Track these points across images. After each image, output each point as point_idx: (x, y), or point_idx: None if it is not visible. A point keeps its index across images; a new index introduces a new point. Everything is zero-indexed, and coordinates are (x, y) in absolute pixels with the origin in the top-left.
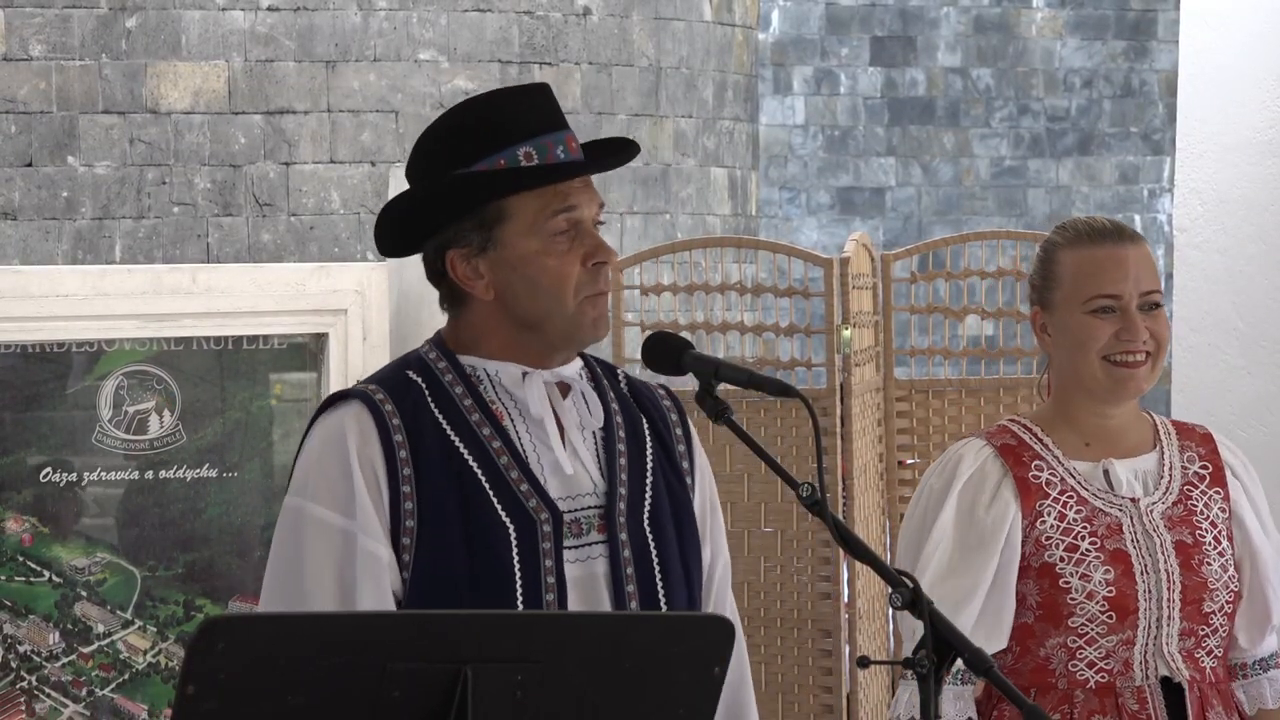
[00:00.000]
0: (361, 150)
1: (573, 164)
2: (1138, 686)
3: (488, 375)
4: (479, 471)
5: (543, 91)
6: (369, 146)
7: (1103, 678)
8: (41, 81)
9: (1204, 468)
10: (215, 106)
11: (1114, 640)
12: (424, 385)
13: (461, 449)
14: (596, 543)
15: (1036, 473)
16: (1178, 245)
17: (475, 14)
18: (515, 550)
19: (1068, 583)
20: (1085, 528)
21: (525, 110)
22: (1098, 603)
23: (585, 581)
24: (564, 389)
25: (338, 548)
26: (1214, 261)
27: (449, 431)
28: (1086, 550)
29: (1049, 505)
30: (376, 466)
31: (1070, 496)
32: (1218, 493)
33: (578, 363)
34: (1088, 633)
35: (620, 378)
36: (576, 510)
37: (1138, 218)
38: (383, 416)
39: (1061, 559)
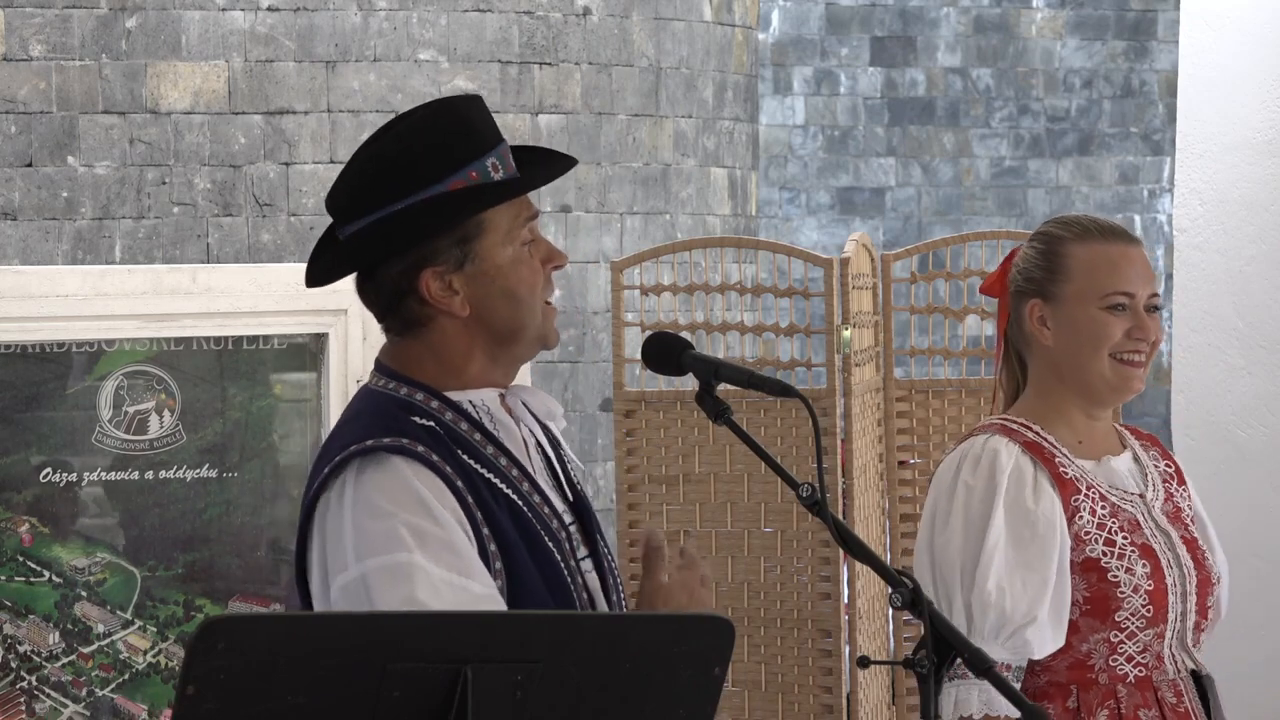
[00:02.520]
0: None
1: (542, 173)
2: (1171, 680)
3: (474, 406)
4: (520, 502)
5: (480, 103)
6: None
7: (1140, 672)
8: (41, 81)
9: (1168, 467)
10: (215, 106)
11: (1150, 634)
12: (440, 430)
13: (499, 484)
14: (585, 557)
15: (1063, 468)
16: (1178, 245)
17: (475, 14)
18: (565, 570)
19: (1115, 577)
20: (1114, 522)
21: (478, 123)
22: (1140, 596)
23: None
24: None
25: (452, 603)
26: (1214, 261)
27: (482, 470)
28: (1123, 545)
29: (1082, 500)
30: (460, 518)
31: (1094, 492)
32: (1185, 490)
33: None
34: (1129, 627)
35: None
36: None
37: (1138, 218)
38: (436, 467)
39: (1104, 553)
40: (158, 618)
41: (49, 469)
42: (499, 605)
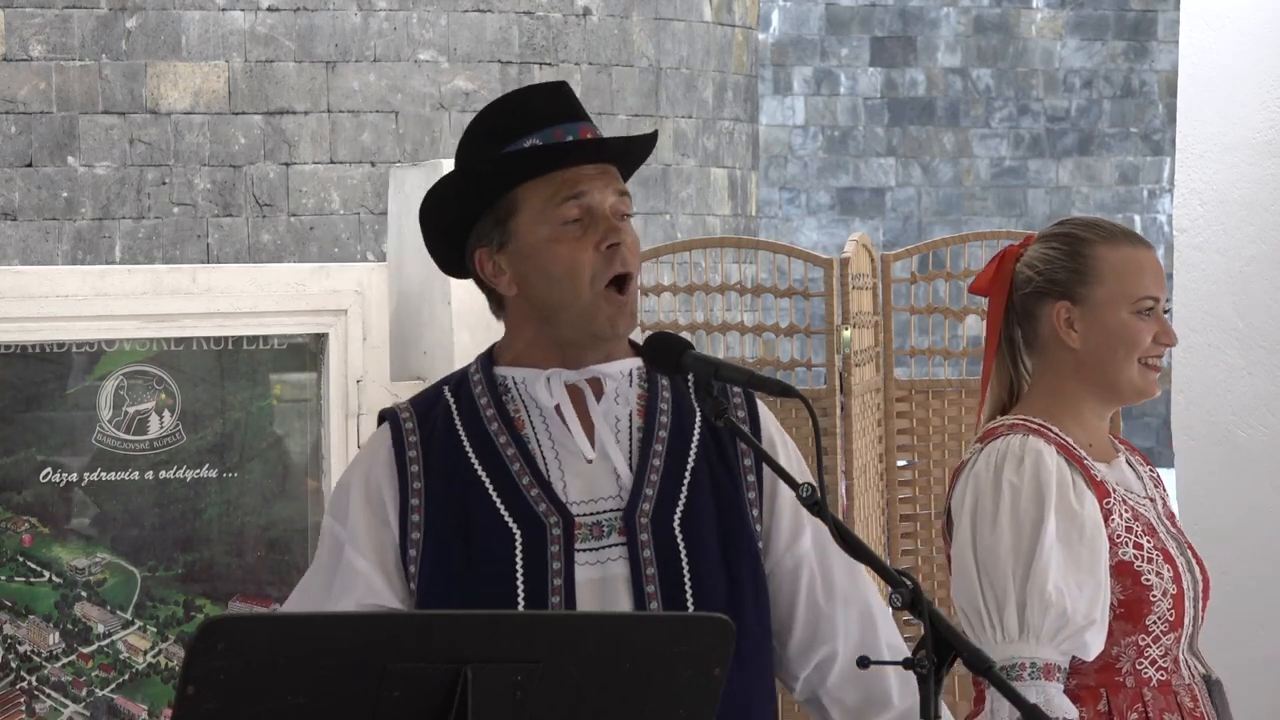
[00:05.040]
0: (361, 150)
1: (568, 145)
2: (1187, 684)
3: (514, 384)
4: (486, 480)
5: (559, 87)
6: (369, 146)
7: (1163, 675)
8: (41, 81)
9: (1152, 473)
10: (215, 107)
11: (1170, 638)
12: (453, 400)
13: (473, 459)
14: (616, 544)
15: (1092, 470)
16: (1178, 245)
17: (475, 14)
18: (520, 554)
19: (1148, 580)
20: (1138, 525)
21: (539, 103)
22: (1167, 600)
23: (602, 584)
24: (600, 387)
25: (329, 553)
26: (1214, 261)
27: (465, 443)
28: (1150, 549)
29: (1113, 503)
30: (383, 484)
31: (1119, 493)
32: (1167, 497)
33: (629, 362)
34: (1154, 631)
35: (689, 378)
36: (597, 513)
37: (1138, 218)
38: (401, 434)
39: (1135, 557)
40: (158, 618)
41: (49, 469)
42: (357, 574)
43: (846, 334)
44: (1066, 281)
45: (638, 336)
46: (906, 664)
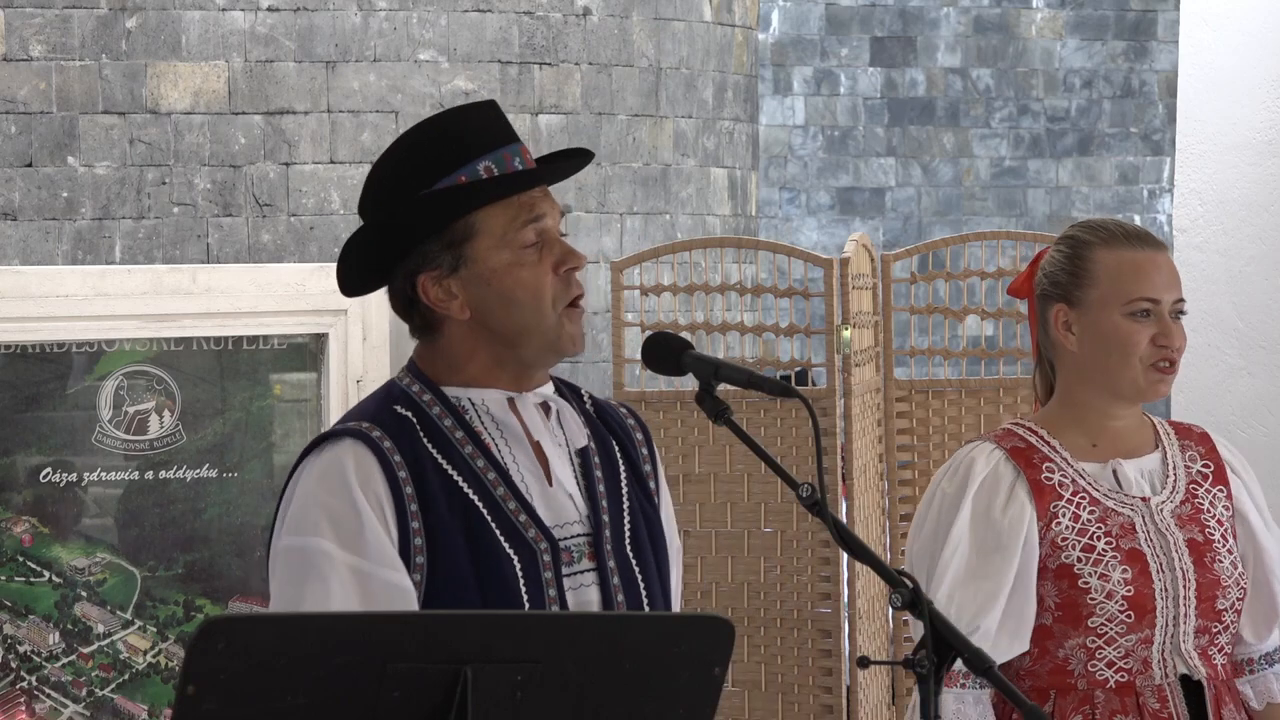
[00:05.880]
0: (361, 150)
1: (536, 171)
2: (1157, 685)
3: (473, 404)
4: (480, 503)
5: (492, 108)
6: (369, 147)
7: (1122, 677)
8: (41, 81)
9: (1206, 466)
10: (215, 107)
11: (1133, 639)
12: (414, 419)
13: (460, 482)
14: (587, 570)
15: (1048, 474)
16: (1178, 245)
17: (475, 14)
18: (522, 580)
19: (1087, 583)
20: (1100, 528)
21: (478, 126)
22: (1117, 602)
23: (580, 610)
24: (545, 411)
25: (352, 585)
26: (1214, 262)
27: (445, 465)
28: (1103, 550)
29: (1063, 506)
30: (383, 502)
31: (1083, 497)
32: (1221, 490)
33: (550, 384)
34: (1107, 633)
35: (585, 399)
36: (567, 539)
37: (1137, 218)
38: (383, 453)
39: (1079, 559)
40: (158, 618)
41: (49, 469)
42: (401, 590)
43: (846, 334)
44: (1065, 284)
45: (637, 336)
46: (906, 664)
